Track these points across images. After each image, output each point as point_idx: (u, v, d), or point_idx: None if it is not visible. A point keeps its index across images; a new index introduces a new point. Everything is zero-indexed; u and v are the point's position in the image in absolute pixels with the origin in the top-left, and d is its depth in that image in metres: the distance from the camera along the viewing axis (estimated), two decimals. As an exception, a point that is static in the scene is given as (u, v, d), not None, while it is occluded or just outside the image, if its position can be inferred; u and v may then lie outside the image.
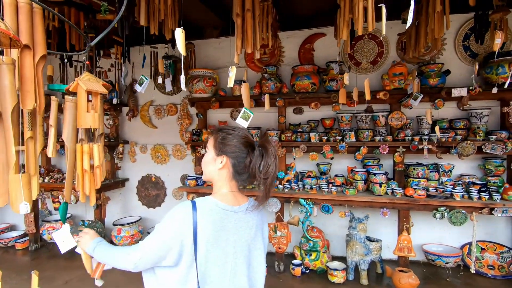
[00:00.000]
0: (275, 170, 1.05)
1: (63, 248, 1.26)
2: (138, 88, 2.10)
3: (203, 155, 3.45)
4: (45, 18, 1.90)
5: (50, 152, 1.15)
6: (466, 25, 2.91)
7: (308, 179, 3.03)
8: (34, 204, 3.68)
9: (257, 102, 3.19)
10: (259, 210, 1.11)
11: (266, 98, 2.15)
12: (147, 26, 2.06)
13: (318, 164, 3.21)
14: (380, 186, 2.70)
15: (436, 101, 2.80)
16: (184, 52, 1.35)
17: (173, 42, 3.32)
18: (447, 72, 2.84)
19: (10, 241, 3.83)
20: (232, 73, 1.25)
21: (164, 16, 1.74)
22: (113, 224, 3.56)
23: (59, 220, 3.88)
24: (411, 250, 2.67)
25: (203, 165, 1.12)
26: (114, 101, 3.21)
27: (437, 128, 2.53)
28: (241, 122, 1.63)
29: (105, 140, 3.70)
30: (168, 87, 2.89)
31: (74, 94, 1.08)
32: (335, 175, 3.08)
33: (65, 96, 1.06)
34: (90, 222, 3.50)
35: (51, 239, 3.71)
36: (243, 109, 1.56)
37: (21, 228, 4.15)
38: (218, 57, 3.61)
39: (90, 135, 1.11)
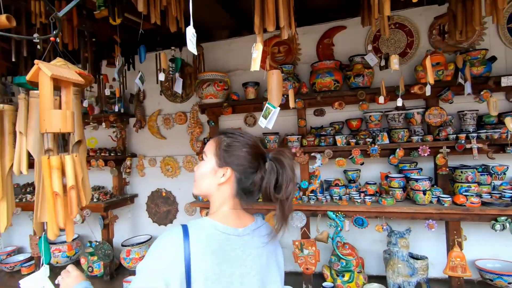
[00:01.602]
0: (294, 188, 0.84)
1: None
2: (138, 83, 1.82)
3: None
4: (33, 14, 1.68)
5: (21, 167, 0.87)
6: (510, 5, 2.55)
7: (335, 188, 2.67)
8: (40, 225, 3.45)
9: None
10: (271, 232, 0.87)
11: (291, 94, 1.83)
12: (151, 32, 1.81)
13: (345, 171, 2.85)
14: (424, 194, 2.31)
15: (482, 93, 2.41)
16: (195, 51, 1.06)
17: (180, 44, 3.09)
18: (493, 59, 2.46)
19: (15, 265, 3.60)
20: (257, 52, 0.94)
21: (168, 4, 1.49)
22: (122, 245, 3.28)
23: (67, 242, 3.63)
24: (466, 268, 2.26)
25: (198, 175, 0.88)
26: (116, 108, 2.95)
27: (508, 120, 2.10)
28: (261, 122, 1.31)
29: (112, 154, 3.46)
30: (178, 88, 2.61)
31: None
32: (367, 183, 2.71)
33: (30, 91, 0.78)
34: (98, 243, 3.23)
35: (57, 262, 3.46)
36: (266, 104, 1.24)
37: (28, 250, 3.92)
38: (229, 59, 3.35)
39: (63, 143, 0.81)
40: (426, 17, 2.74)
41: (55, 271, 3.39)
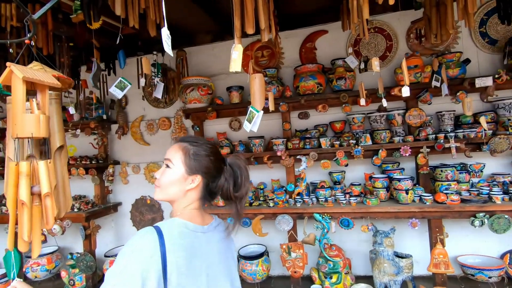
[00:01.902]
0: (250, 186, 0.96)
1: None
2: (115, 91, 1.77)
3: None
4: (3, 17, 1.60)
5: None
6: (481, 10, 2.67)
7: (321, 190, 2.69)
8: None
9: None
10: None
11: (270, 97, 1.83)
12: (132, 36, 1.77)
13: (330, 173, 2.88)
14: (407, 193, 2.36)
15: (458, 94, 2.51)
16: (171, 53, 1.05)
17: (162, 49, 3.05)
18: (467, 61, 2.56)
19: (-10, 282, 3.40)
20: (237, 53, 0.94)
21: (146, 8, 1.46)
22: (105, 256, 3.17)
23: (46, 254, 3.47)
24: (449, 265, 2.31)
25: (165, 182, 0.91)
26: (94, 114, 2.85)
27: (482, 120, 2.19)
28: (246, 126, 1.31)
29: (93, 162, 3.35)
30: (159, 92, 2.56)
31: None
32: (351, 184, 2.75)
33: (7, 97, 0.74)
34: (79, 255, 3.10)
35: (36, 277, 3.30)
36: (249, 108, 1.24)
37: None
38: (212, 63, 3.33)
39: (45, 149, 0.77)
40: (403, 22, 2.83)
41: (35, 286, 3.24)
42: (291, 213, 2.61)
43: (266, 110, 2.41)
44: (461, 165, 2.60)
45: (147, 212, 3.54)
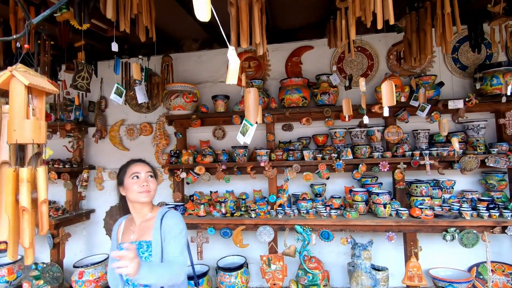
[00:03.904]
0: None
1: None
2: (115, 98, 1.71)
3: (182, 179, 3.06)
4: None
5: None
6: (454, 37, 2.88)
7: (303, 202, 2.72)
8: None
9: (243, 118, 2.90)
10: None
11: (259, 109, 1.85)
12: (117, 39, 1.74)
13: (312, 185, 2.92)
14: (384, 207, 2.44)
15: (432, 114, 2.66)
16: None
17: (147, 53, 3.01)
18: (441, 84, 2.74)
19: None
20: (234, 65, 0.94)
21: (138, 13, 1.43)
22: (74, 266, 2.97)
23: (7, 264, 3.21)
24: (422, 278, 2.40)
25: (154, 189, 1.43)
26: (73, 115, 2.74)
27: (454, 140, 2.33)
28: (239, 138, 1.32)
29: (66, 166, 3.18)
30: (140, 97, 2.50)
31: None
32: (332, 197, 2.80)
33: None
34: (45, 265, 2.90)
35: (-7, 289, 3.02)
36: (244, 121, 1.25)
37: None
38: (199, 71, 3.32)
39: (20, 155, 0.73)
40: (385, 43, 2.99)
41: (-10, 300, 2.97)
42: (272, 225, 2.61)
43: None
44: (434, 182, 2.74)
45: (122, 220, 3.39)
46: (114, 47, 1.56)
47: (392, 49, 2.93)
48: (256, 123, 1.27)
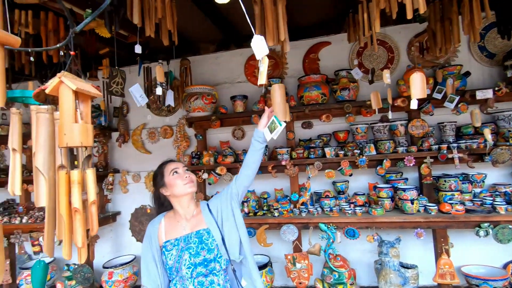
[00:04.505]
0: None
1: None
2: (138, 98, 1.77)
3: (204, 180, 3.09)
4: (16, 23, 1.59)
5: (15, 188, 0.80)
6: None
7: (326, 200, 2.69)
8: (11, 249, 3.19)
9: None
10: None
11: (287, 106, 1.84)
12: (139, 44, 1.78)
13: (334, 183, 2.89)
14: (412, 203, 2.38)
15: (459, 106, 2.56)
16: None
17: (167, 57, 3.07)
18: (467, 73, 2.63)
19: (-19, 295, 3.27)
20: (264, 66, 0.94)
21: (161, 17, 1.47)
22: (103, 267, 3.08)
23: (40, 265, 3.36)
24: (454, 275, 2.31)
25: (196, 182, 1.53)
26: (99, 120, 2.84)
27: (486, 131, 2.24)
28: (266, 133, 1.32)
29: (93, 170, 3.30)
30: (171, 100, 2.55)
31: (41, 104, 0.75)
32: (355, 194, 2.75)
33: (32, 106, 0.73)
34: (76, 266, 3.01)
35: (30, 290, 3.17)
36: (272, 117, 1.25)
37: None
38: (216, 73, 3.35)
39: (72, 158, 0.76)
40: (405, 35, 2.91)
41: (27, 299, 3.11)
42: (296, 223, 2.60)
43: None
44: (463, 176, 2.63)
45: (147, 222, 3.47)
46: (138, 49, 1.60)
47: (414, 40, 2.84)
48: (285, 121, 1.27)
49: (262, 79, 0.94)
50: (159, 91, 1.86)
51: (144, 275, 1.41)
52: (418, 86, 1.23)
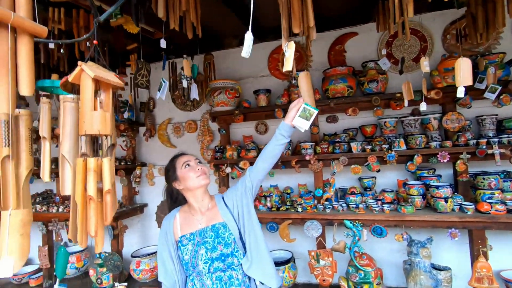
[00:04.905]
0: None
1: None
2: (157, 93, 1.80)
3: (227, 174, 3.12)
4: (50, 20, 1.68)
5: (45, 175, 0.83)
6: (526, 8, 2.51)
7: (351, 196, 2.60)
8: (49, 236, 3.41)
9: (286, 112, 2.85)
10: None
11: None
12: (164, 39, 1.79)
13: (360, 179, 2.78)
14: (446, 202, 2.23)
15: (501, 97, 2.35)
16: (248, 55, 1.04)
17: (191, 52, 3.10)
18: (511, 62, 2.41)
19: (23, 277, 3.55)
20: (290, 52, 0.91)
21: (185, 10, 1.47)
22: (132, 256, 3.21)
23: (76, 252, 3.58)
24: (493, 280, 2.15)
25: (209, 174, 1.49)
26: (126, 115, 2.94)
27: None
28: (301, 123, 1.25)
29: (122, 163, 3.43)
30: (195, 94, 2.58)
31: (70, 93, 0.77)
32: (383, 190, 2.64)
33: (61, 96, 0.75)
34: (107, 254, 3.16)
35: (67, 274, 3.39)
36: (303, 105, 1.20)
37: (36, 262, 3.86)
38: (240, 67, 3.34)
39: (96, 147, 0.78)
40: (439, 22, 2.72)
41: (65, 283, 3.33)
42: (320, 219, 2.54)
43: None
44: (505, 173, 2.43)
45: (172, 214, 3.57)
46: (163, 43, 1.62)
47: (450, 28, 2.65)
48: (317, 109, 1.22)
49: (288, 65, 0.90)
50: (185, 84, 1.88)
51: (160, 271, 1.38)
52: (465, 72, 1.12)
